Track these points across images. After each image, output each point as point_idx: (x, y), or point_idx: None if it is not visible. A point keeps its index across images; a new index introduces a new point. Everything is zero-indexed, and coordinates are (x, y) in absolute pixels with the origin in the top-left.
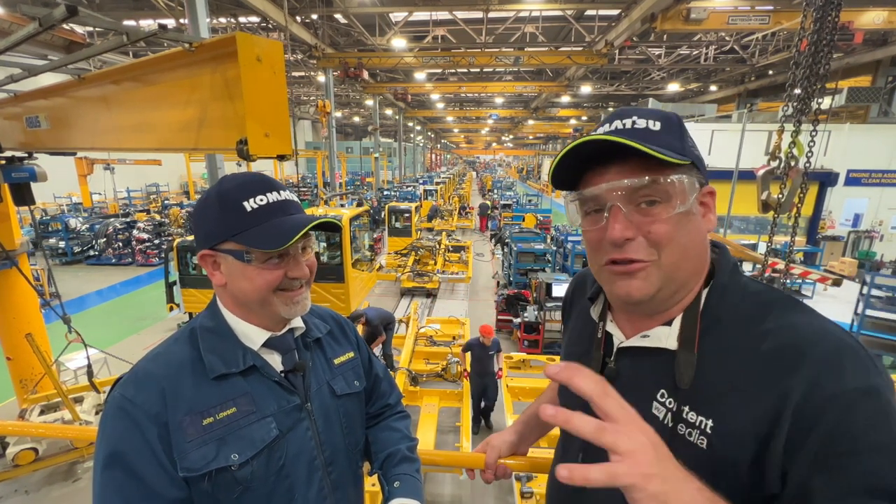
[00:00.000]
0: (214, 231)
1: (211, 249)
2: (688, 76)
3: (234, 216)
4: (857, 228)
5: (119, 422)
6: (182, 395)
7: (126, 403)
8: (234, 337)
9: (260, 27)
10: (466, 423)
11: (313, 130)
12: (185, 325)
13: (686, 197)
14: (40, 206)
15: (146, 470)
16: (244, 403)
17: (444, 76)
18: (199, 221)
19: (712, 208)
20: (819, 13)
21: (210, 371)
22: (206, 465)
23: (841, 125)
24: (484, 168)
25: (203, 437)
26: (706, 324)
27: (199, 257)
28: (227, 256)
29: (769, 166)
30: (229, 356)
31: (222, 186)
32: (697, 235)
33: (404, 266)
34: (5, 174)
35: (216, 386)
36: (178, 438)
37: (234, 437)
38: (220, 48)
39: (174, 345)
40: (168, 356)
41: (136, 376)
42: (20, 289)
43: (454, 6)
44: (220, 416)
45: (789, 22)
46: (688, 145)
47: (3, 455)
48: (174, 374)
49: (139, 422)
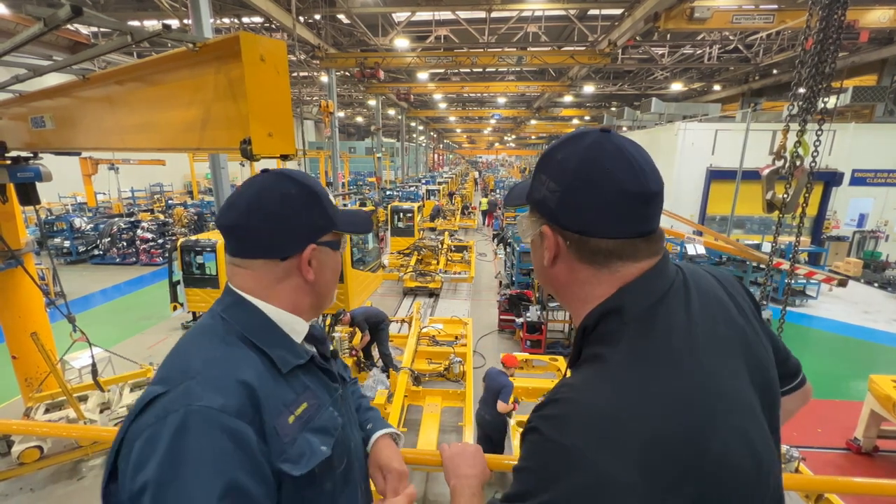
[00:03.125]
0: (322, 222)
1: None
2: (691, 76)
3: (331, 207)
4: (863, 228)
5: (217, 439)
6: (268, 395)
7: (221, 416)
8: (282, 331)
9: (263, 27)
10: (469, 422)
11: (316, 130)
12: (196, 325)
13: (524, 233)
14: (45, 206)
15: (258, 490)
16: (310, 396)
17: (447, 76)
18: (294, 219)
19: (548, 246)
20: (825, 12)
21: (283, 366)
22: (308, 462)
23: (846, 124)
24: (486, 168)
25: (293, 436)
26: (576, 352)
27: (302, 258)
28: (325, 248)
29: (774, 166)
30: (291, 349)
31: (306, 182)
32: (538, 263)
33: (407, 266)
34: (11, 174)
35: (285, 382)
36: (274, 441)
37: (314, 431)
38: (223, 48)
39: (226, 347)
40: (233, 357)
41: (214, 383)
42: (25, 288)
43: (457, 6)
44: (297, 413)
45: (794, 21)
46: (532, 189)
47: (8, 453)
48: (253, 373)
49: (241, 434)
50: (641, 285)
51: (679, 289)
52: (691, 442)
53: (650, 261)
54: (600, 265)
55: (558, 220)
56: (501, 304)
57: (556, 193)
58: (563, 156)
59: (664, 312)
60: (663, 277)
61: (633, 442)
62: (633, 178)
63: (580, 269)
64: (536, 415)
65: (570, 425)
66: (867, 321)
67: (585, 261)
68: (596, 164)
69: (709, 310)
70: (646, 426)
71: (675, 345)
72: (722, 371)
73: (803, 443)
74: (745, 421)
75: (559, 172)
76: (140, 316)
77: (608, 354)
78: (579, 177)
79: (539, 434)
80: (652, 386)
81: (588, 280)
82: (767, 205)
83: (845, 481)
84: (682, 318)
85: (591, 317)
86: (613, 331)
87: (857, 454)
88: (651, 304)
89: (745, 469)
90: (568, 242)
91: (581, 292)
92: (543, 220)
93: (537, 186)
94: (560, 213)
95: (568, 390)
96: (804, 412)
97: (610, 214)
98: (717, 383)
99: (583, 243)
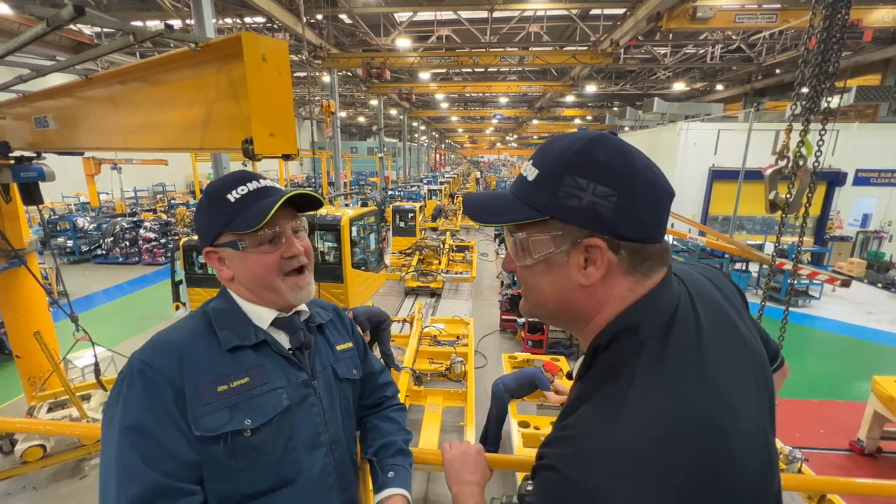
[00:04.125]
0: (209, 227)
1: (212, 246)
2: (693, 75)
3: (222, 208)
4: (866, 229)
5: (137, 384)
6: (197, 363)
7: (145, 367)
8: (245, 316)
9: (265, 27)
10: (470, 422)
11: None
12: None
13: (530, 252)
14: (48, 206)
15: (163, 430)
16: (257, 375)
17: (449, 76)
18: (197, 224)
19: (595, 261)
20: (829, 11)
21: (224, 343)
22: (221, 427)
23: (850, 124)
24: (488, 168)
25: (218, 402)
26: (583, 370)
27: (205, 256)
28: (226, 249)
29: (777, 165)
30: (241, 331)
31: (209, 187)
32: (559, 286)
33: (408, 265)
34: (14, 174)
35: (230, 357)
36: (194, 402)
37: (247, 405)
38: (225, 48)
39: (189, 321)
40: (184, 329)
41: (154, 344)
42: (29, 287)
43: (458, 6)
44: (234, 385)
45: (797, 20)
46: (559, 197)
47: (11, 451)
48: (190, 343)
49: (157, 384)
50: (656, 299)
51: (686, 304)
52: (717, 470)
53: (664, 269)
54: (643, 274)
55: (613, 228)
56: (503, 304)
57: (611, 198)
58: (606, 157)
59: (677, 331)
60: (672, 289)
61: (659, 477)
62: (664, 177)
63: (620, 283)
64: (551, 451)
65: (592, 465)
66: (870, 322)
67: (633, 272)
68: (646, 164)
69: (715, 322)
70: (671, 461)
71: (690, 367)
72: (736, 386)
73: (806, 444)
74: (758, 433)
75: (611, 175)
76: (142, 315)
77: (623, 380)
78: (638, 178)
79: (556, 473)
80: (672, 415)
81: (619, 295)
82: (770, 205)
83: (848, 482)
84: (693, 336)
85: (604, 336)
86: (628, 351)
87: (860, 455)
88: (665, 323)
89: (758, 481)
90: (622, 253)
91: (597, 310)
92: (585, 231)
93: (569, 193)
94: (616, 220)
95: (584, 425)
96: (807, 413)
97: (661, 216)
98: (732, 401)
99: (638, 251)
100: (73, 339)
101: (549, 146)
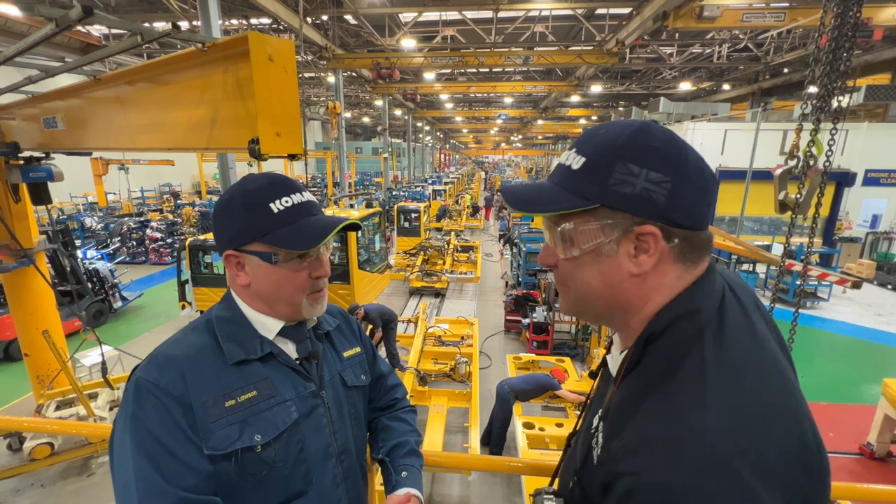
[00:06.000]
0: (242, 232)
1: (236, 250)
2: (700, 75)
3: (262, 217)
4: (876, 230)
5: (146, 404)
6: (203, 378)
7: (150, 386)
8: (251, 326)
9: (271, 28)
10: (475, 423)
11: (323, 131)
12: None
13: (577, 244)
14: (57, 206)
15: (179, 446)
16: (264, 388)
17: (454, 76)
18: (223, 222)
19: (648, 249)
20: (840, 8)
21: (229, 357)
22: (231, 444)
23: (859, 124)
24: (493, 168)
25: (226, 418)
26: (631, 365)
27: (224, 258)
28: (252, 257)
29: (787, 165)
30: (247, 344)
31: (246, 187)
32: (609, 276)
33: (413, 265)
34: (24, 174)
35: (236, 371)
36: (202, 419)
37: (256, 419)
38: (232, 48)
39: (192, 333)
40: (187, 342)
41: (157, 360)
42: (37, 286)
43: (464, 6)
44: (241, 399)
45: (805, 19)
46: (610, 184)
47: (20, 449)
48: (194, 358)
49: (166, 404)
50: (706, 285)
51: (728, 289)
52: (805, 448)
53: (709, 257)
54: (693, 262)
55: (668, 215)
56: (508, 304)
57: (665, 185)
58: (658, 143)
59: (730, 314)
60: (717, 275)
61: (760, 468)
62: (709, 166)
63: (671, 271)
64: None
65: (699, 469)
66: (880, 324)
67: (683, 260)
68: (695, 151)
69: (752, 306)
70: (768, 448)
71: (754, 348)
72: (787, 367)
73: None
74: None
75: (664, 161)
76: (149, 314)
77: (693, 365)
78: (690, 165)
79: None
80: (758, 395)
81: (669, 284)
82: (780, 205)
83: (858, 488)
84: (743, 319)
85: (659, 323)
86: (688, 337)
87: (871, 459)
88: (718, 307)
89: (825, 458)
90: (675, 241)
91: (646, 299)
92: (638, 219)
93: (622, 180)
94: (670, 206)
95: (664, 421)
96: (816, 416)
97: (710, 204)
98: (793, 380)
99: (691, 239)
100: (81, 337)
101: (594, 135)
